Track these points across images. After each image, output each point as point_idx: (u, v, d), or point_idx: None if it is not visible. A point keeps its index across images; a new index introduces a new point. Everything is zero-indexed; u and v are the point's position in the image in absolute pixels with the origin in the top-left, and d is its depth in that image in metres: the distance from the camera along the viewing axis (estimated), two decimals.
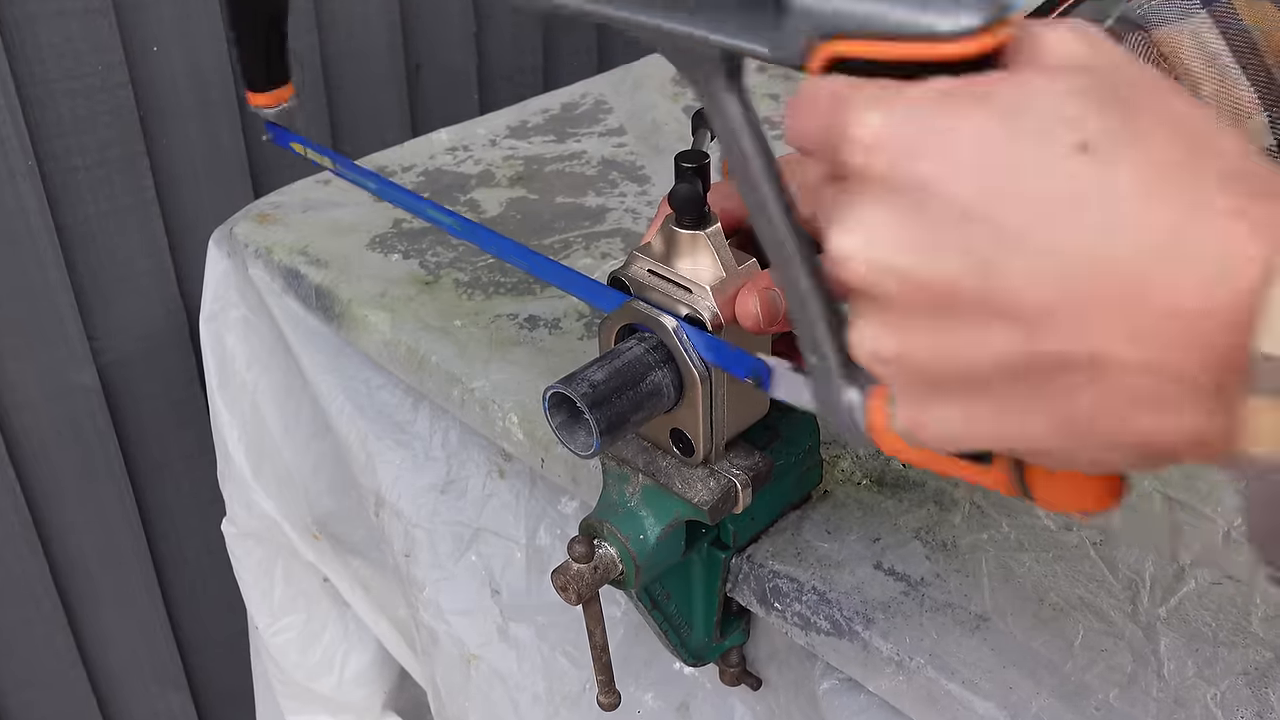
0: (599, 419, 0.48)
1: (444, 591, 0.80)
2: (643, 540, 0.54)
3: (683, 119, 1.06)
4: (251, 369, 0.94)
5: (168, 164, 1.12)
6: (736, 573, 0.58)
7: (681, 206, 0.48)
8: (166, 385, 1.20)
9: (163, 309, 1.17)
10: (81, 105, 1.04)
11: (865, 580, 0.56)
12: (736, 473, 0.53)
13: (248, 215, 0.93)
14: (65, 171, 1.05)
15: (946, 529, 0.58)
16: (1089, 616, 0.53)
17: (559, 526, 0.73)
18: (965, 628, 0.53)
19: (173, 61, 1.09)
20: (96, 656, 1.27)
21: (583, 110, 1.09)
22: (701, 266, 0.49)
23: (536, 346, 0.74)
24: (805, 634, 0.55)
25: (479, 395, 0.71)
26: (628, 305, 0.51)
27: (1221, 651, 0.51)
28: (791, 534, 0.59)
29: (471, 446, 0.78)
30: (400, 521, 0.81)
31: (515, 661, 0.77)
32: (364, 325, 0.79)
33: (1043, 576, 0.55)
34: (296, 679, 1.07)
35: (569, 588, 0.53)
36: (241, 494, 1.00)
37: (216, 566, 1.28)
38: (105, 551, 1.22)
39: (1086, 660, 0.51)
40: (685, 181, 0.47)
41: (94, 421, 1.15)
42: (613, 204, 0.92)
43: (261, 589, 1.05)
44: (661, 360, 0.50)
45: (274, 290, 0.88)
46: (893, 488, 0.61)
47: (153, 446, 1.22)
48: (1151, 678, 0.50)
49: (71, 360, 1.11)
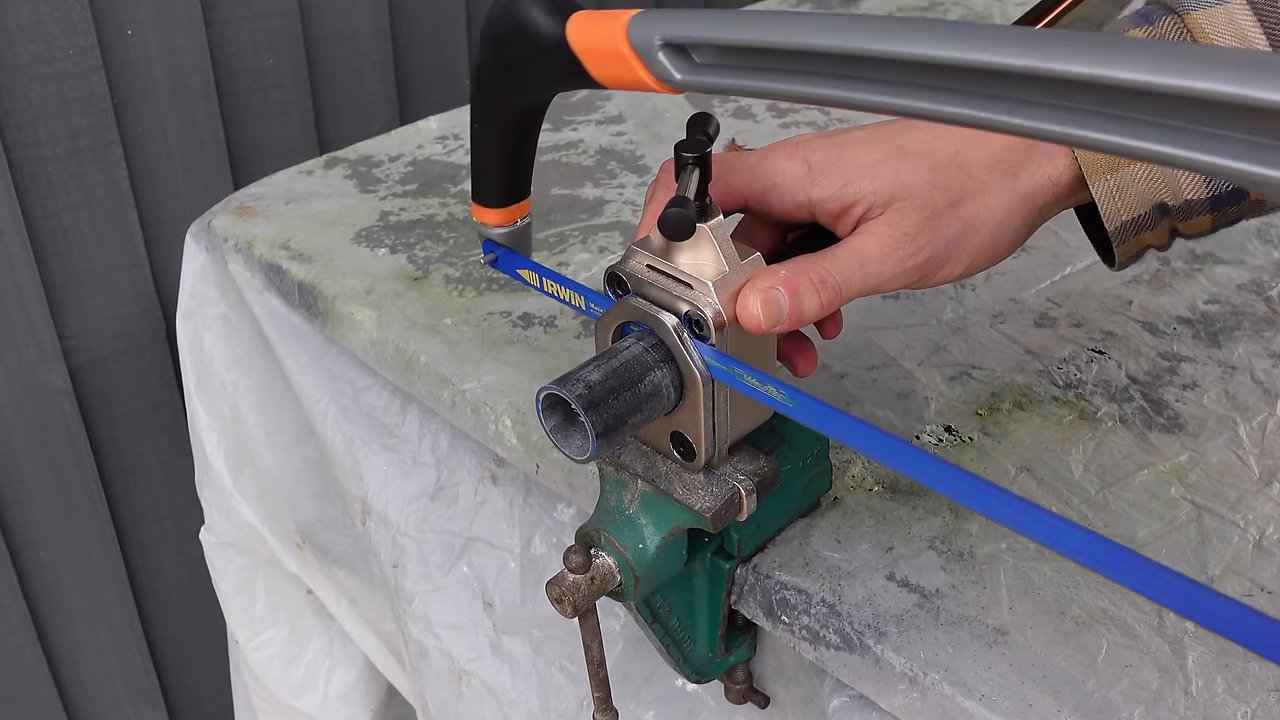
0: (595, 421, 0.48)
1: (434, 604, 0.80)
2: (642, 550, 0.54)
3: (685, 106, 1.06)
4: (231, 369, 0.94)
5: (143, 153, 1.13)
6: (741, 584, 0.58)
7: (673, 233, 0.48)
8: (141, 387, 1.20)
9: (137, 306, 1.17)
10: (52, 91, 1.04)
11: (877, 592, 0.56)
12: (740, 478, 0.53)
13: (227, 207, 0.93)
14: (34, 161, 1.06)
15: (963, 538, 0.58)
16: (1113, 630, 0.53)
17: (555, 535, 0.73)
18: (983, 642, 0.53)
19: (148, 45, 1.09)
20: (68, 673, 1.27)
21: (580, 97, 1.10)
22: (703, 261, 0.49)
23: (531, 346, 0.75)
24: (814, 648, 0.56)
25: (470, 397, 0.71)
26: (625, 302, 0.51)
27: (1252, 667, 0.51)
28: (799, 543, 0.59)
29: (463, 451, 0.78)
30: (388, 530, 0.81)
31: (509, 677, 0.77)
32: (349, 323, 0.79)
33: (1064, 588, 0.55)
34: (279, 696, 1.07)
35: (565, 600, 0.53)
36: (220, 501, 1.00)
37: (194, 578, 1.28)
38: (77, 562, 1.22)
39: (1110, 676, 0.51)
40: (676, 205, 0.47)
41: (65, 425, 1.15)
42: (611, 195, 0.92)
43: (242, 601, 1.05)
44: (661, 360, 0.50)
45: (255, 286, 0.88)
46: (906, 494, 0.61)
47: (127, 451, 1.22)
48: (1179, 695, 0.50)
49: (41, 360, 1.12)
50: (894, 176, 0.50)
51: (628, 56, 0.43)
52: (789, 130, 1.02)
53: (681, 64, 0.43)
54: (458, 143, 1.01)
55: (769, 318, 0.48)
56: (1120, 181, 0.53)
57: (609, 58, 0.45)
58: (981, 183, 0.51)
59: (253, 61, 1.16)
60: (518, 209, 0.58)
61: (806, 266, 0.49)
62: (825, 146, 0.52)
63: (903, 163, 0.50)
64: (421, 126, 1.04)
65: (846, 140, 0.52)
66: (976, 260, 0.52)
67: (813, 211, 0.52)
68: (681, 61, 0.43)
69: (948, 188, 0.51)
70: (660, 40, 0.42)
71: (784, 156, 0.52)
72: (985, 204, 0.51)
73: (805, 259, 0.50)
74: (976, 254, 0.52)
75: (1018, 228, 0.53)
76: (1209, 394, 0.68)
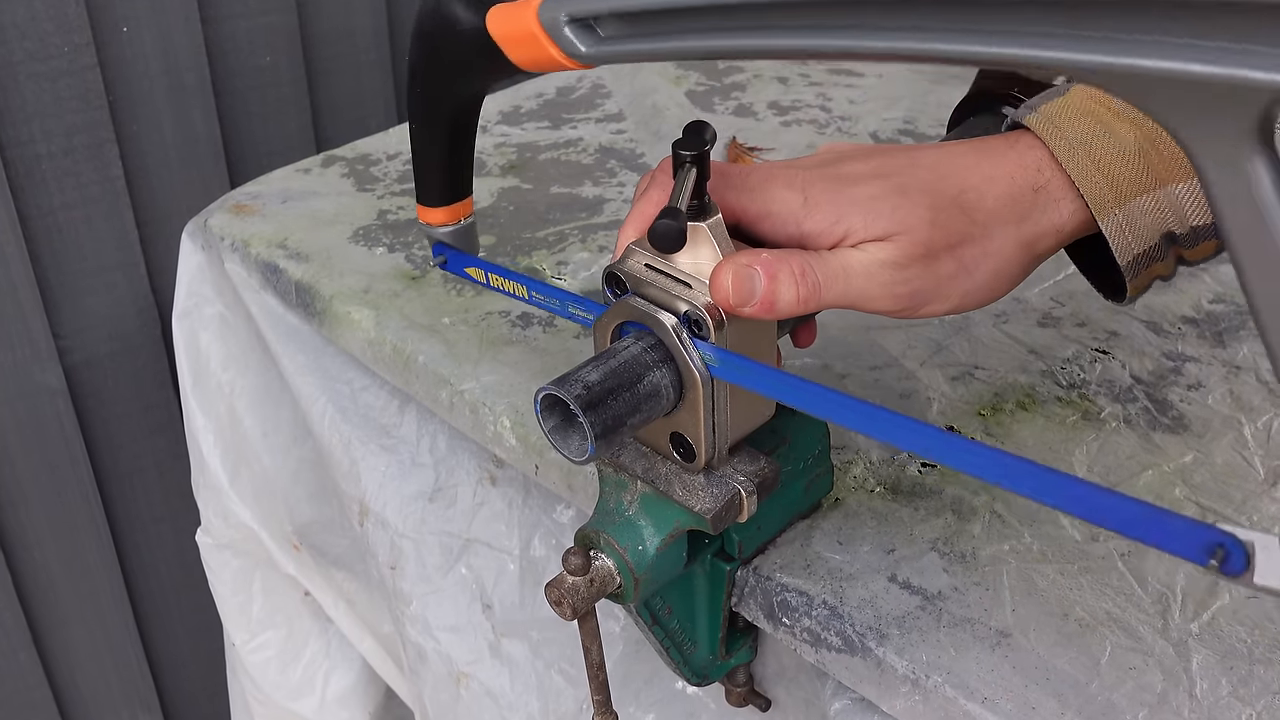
0: (594, 422, 0.48)
1: (432, 606, 0.80)
2: (642, 551, 0.54)
3: (686, 104, 1.06)
4: (227, 369, 0.94)
5: (138, 151, 1.13)
6: (742, 586, 0.58)
7: (661, 245, 0.48)
8: (137, 387, 1.20)
9: (133, 305, 1.17)
10: (46, 88, 1.04)
11: (879, 594, 0.56)
12: (741, 479, 0.53)
13: (223, 206, 0.93)
14: (29, 159, 1.06)
15: (965, 539, 0.59)
16: (1117, 632, 0.53)
17: (554, 537, 0.73)
18: (985, 644, 0.53)
19: (144, 42, 1.09)
20: (63, 676, 1.27)
21: (579, 94, 1.10)
22: (702, 260, 0.49)
23: (530, 346, 0.75)
24: (816, 651, 0.56)
25: (469, 397, 0.71)
26: (624, 302, 0.51)
27: (1258, 669, 0.51)
28: (801, 545, 0.59)
29: (461, 452, 0.78)
30: (386, 532, 0.81)
31: (508, 680, 0.77)
32: (347, 323, 0.79)
33: (1067, 590, 0.55)
34: (276, 699, 1.07)
35: (564, 602, 0.53)
36: (217, 503, 1.00)
37: (190, 580, 1.28)
38: (72, 564, 1.22)
39: (1114, 679, 0.51)
40: (667, 217, 0.47)
41: (60, 425, 1.15)
42: (611, 194, 0.92)
43: (238, 603, 1.05)
44: (660, 360, 0.50)
45: (251, 286, 0.88)
46: (908, 495, 0.61)
47: (122, 452, 1.23)
48: (1183, 697, 0.50)
49: (36, 360, 1.12)
50: (890, 213, 0.50)
51: (539, 37, 0.47)
52: (790, 128, 1.02)
53: (587, 38, 0.46)
54: None
55: (739, 295, 0.48)
56: (1129, 215, 0.52)
57: (524, 41, 0.48)
58: (984, 228, 0.51)
59: (250, 59, 1.17)
60: (460, 207, 0.62)
61: (790, 255, 0.49)
62: (824, 179, 0.51)
63: (901, 199, 0.50)
64: None
65: (847, 175, 0.52)
66: (967, 300, 0.52)
67: (803, 243, 0.51)
68: (587, 36, 0.46)
69: (947, 228, 0.50)
70: (565, 17, 0.46)
71: (782, 185, 0.51)
72: (985, 249, 0.51)
73: (791, 250, 0.49)
74: (967, 295, 0.52)
75: (1015, 273, 0.53)
76: (1214, 394, 0.68)
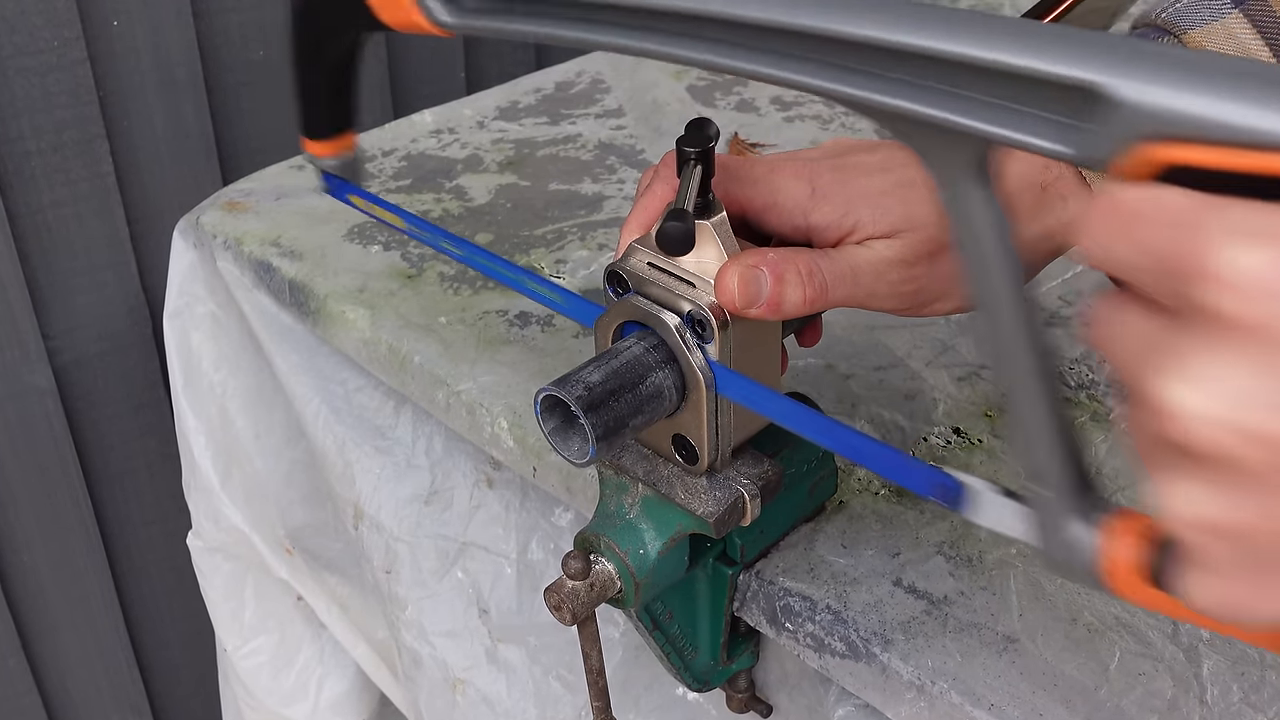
0: (595, 424, 0.48)
1: (427, 611, 0.80)
2: (643, 555, 0.54)
3: (686, 99, 1.06)
4: (219, 369, 0.94)
5: (129, 148, 1.13)
6: (744, 590, 0.58)
7: (671, 248, 0.48)
8: (127, 387, 1.20)
9: (123, 304, 1.17)
10: (35, 84, 1.04)
11: (884, 598, 0.56)
12: (744, 482, 0.53)
13: (215, 203, 0.93)
14: (18, 156, 1.06)
15: (971, 543, 0.58)
16: (1126, 638, 0.53)
17: (552, 540, 0.73)
18: (992, 649, 0.53)
19: (135, 37, 1.09)
20: (52, 682, 1.27)
21: (578, 90, 1.10)
22: (706, 259, 0.49)
23: (528, 345, 0.75)
24: (819, 656, 0.56)
25: (466, 398, 0.71)
26: (626, 301, 0.51)
27: (1269, 675, 0.51)
28: (804, 548, 0.59)
29: (457, 454, 0.78)
30: (380, 535, 0.81)
31: (505, 686, 0.77)
32: (341, 322, 0.79)
33: (1075, 594, 0.55)
34: (268, 705, 1.07)
35: (563, 607, 0.53)
36: (208, 505, 1.00)
37: (182, 584, 1.28)
38: (61, 567, 1.22)
39: (1123, 685, 0.51)
40: (674, 219, 0.47)
41: (49, 426, 1.15)
42: (610, 191, 0.92)
43: (230, 608, 1.05)
44: (663, 360, 0.50)
45: (244, 284, 0.88)
46: (913, 498, 0.61)
47: (113, 453, 1.22)
48: (1194, 704, 0.50)
49: (24, 360, 1.12)
50: (897, 207, 0.50)
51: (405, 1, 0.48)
52: (793, 124, 1.02)
53: (450, 7, 0.47)
54: (452, 137, 1.01)
55: (745, 297, 0.48)
56: None
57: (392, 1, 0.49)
58: None
59: (242, 53, 1.16)
60: (343, 141, 0.63)
61: (796, 255, 0.49)
62: (832, 170, 0.51)
63: (909, 193, 0.50)
64: (415, 120, 1.04)
65: (854, 166, 0.52)
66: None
67: (810, 236, 0.51)
68: (451, 5, 0.47)
69: None
70: None
71: (789, 175, 0.51)
72: None
73: (797, 249, 0.49)
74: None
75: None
76: None
